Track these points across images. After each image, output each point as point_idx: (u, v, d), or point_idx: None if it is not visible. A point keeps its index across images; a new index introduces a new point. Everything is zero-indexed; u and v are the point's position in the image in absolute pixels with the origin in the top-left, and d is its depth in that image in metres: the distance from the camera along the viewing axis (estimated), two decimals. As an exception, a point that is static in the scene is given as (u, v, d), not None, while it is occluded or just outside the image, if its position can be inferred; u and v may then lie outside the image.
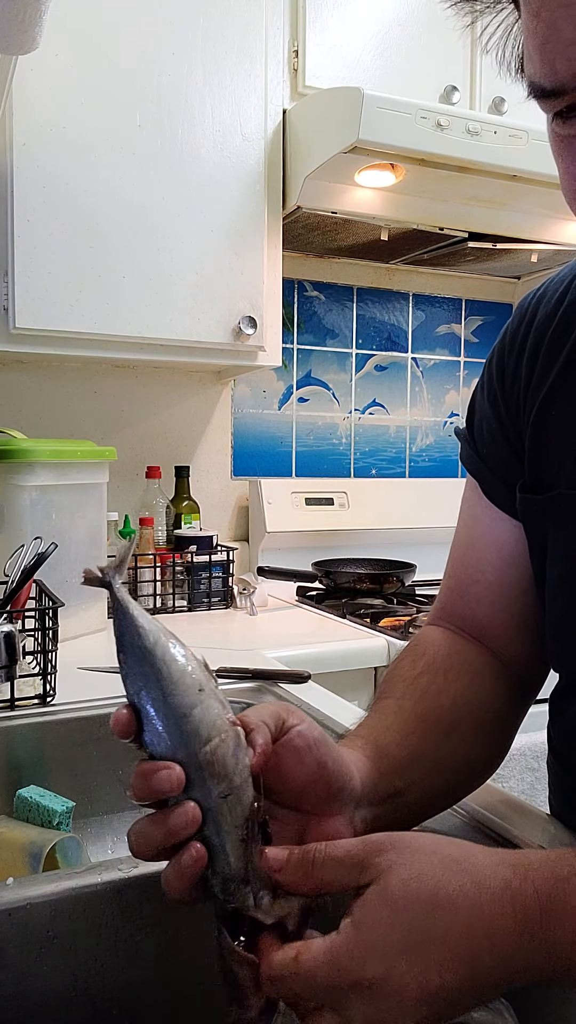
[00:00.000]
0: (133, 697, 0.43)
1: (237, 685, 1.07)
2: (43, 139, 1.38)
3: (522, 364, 0.64)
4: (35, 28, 0.79)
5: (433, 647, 0.66)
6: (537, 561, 0.63)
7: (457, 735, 0.59)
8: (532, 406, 0.62)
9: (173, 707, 0.42)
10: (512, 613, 0.66)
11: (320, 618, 1.61)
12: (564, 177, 0.50)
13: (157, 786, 0.41)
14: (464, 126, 1.44)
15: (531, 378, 0.63)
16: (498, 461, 0.66)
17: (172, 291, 1.50)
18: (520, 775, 1.32)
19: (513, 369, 0.65)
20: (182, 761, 0.41)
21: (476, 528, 0.69)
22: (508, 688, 0.65)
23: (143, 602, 1.63)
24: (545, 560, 0.61)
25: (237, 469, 1.98)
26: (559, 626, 0.61)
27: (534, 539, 0.63)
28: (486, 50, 0.54)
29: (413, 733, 0.57)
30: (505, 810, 0.67)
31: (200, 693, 0.43)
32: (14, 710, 0.96)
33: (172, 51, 1.48)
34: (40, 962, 0.55)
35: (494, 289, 2.28)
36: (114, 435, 1.79)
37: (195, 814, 0.41)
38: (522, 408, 0.64)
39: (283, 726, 0.48)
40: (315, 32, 1.59)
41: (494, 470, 0.67)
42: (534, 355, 0.63)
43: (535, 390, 0.62)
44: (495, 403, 0.67)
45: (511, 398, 0.65)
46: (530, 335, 0.64)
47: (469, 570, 0.68)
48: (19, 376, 1.72)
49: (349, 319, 2.10)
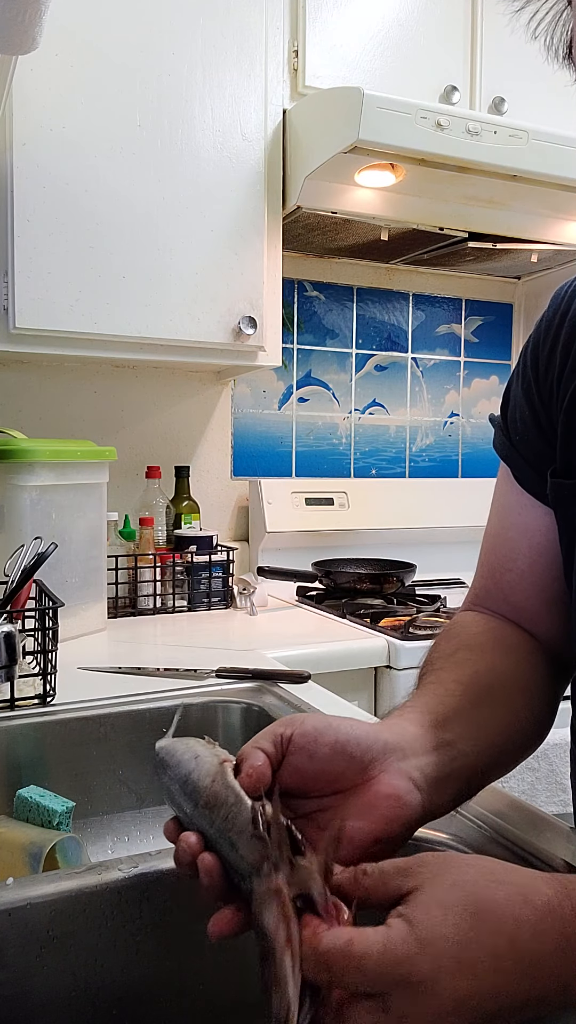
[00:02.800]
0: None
1: (237, 685, 1.07)
2: (43, 139, 1.38)
3: (556, 353, 0.65)
4: (35, 28, 0.79)
5: (467, 629, 0.67)
6: (566, 545, 0.63)
7: (500, 697, 0.60)
8: (565, 394, 0.63)
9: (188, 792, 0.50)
10: (546, 599, 0.67)
11: (320, 618, 1.61)
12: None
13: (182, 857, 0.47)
14: (464, 126, 1.44)
15: (565, 367, 0.63)
16: (530, 448, 0.67)
17: (172, 291, 1.50)
18: (520, 775, 1.32)
19: (547, 358, 0.66)
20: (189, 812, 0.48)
21: (508, 517, 0.69)
22: (546, 663, 0.66)
23: (143, 602, 1.63)
24: (574, 544, 0.62)
25: (237, 469, 1.98)
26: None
27: (564, 524, 0.63)
28: (534, 36, 0.53)
29: (453, 694, 0.57)
30: (506, 811, 0.67)
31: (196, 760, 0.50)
32: (14, 710, 0.96)
33: (172, 51, 1.48)
34: (40, 962, 0.55)
35: (494, 289, 2.28)
36: (114, 435, 1.79)
37: (194, 848, 0.46)
38: (555, 396, 0.64)
39: (283, 739, 0.49)
40: (315, 32, 1.59)
41: (526, 456, 0.67)
42: (568, 344, 0.64)
43: (568, 378, 0.63)
44: (528, 391, 0.67)
45: (544, 386, 0.66)
46: (564, 324, 0.64)
47: (501, 559, 0.69)
48: (19, 376, 1.72)
49: (349, 319, 2.10)
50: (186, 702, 1.02)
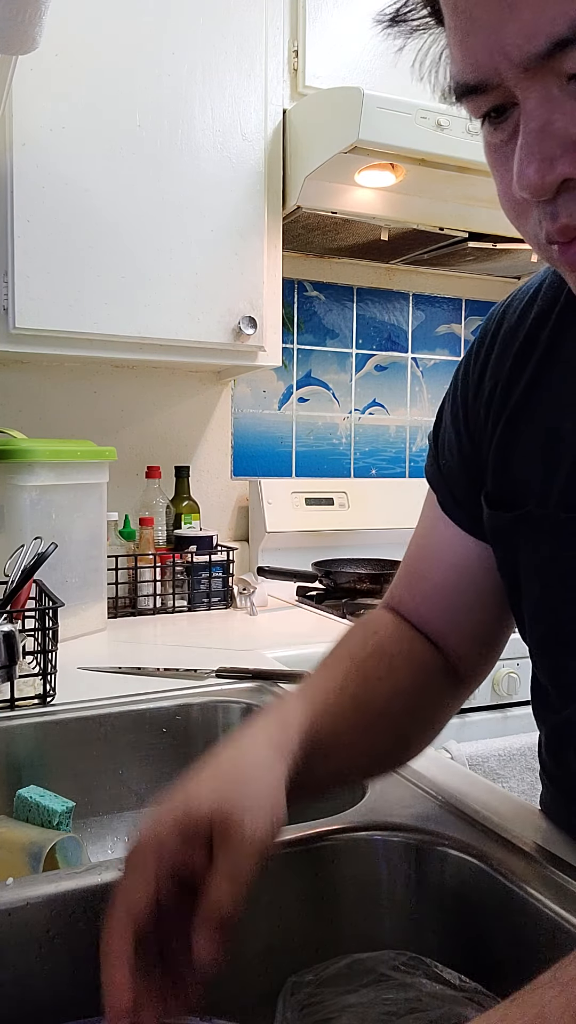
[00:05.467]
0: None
1: (237, 685, 1.07)
2: (43, 139, 1.38)
3: (485, 377, 0.63)
4: (35, 28, 0.79)
5: (384, 629, 0.68)
6: (510, 577, 0.62)
7: (387, 720, 0.62)
8: (498, 420, 0.61)
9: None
10: (454, 617, 0.68)
11: (320, 618, 1.61)
12: (500, 189, 0.46)
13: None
14: (464, 126, 1.43)
15: (495, 391, 0.62)
16: (455, 477, 0.67)
17: (172, 291, 1.50)
18: (520, 775, 1.32)
19: (476, 382, 0.64)
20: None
21: (433, 529, 0.70)
22: (448, 683, 0.68)
23: (143, 602, 1.63)
24: (519, 577, 0.61)
25: (237, 469, 1.98)
26: (542, 643, 0.61)
27: (505, 555, 0.62)
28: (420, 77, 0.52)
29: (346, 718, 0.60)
30: (506, 811, 0.67)
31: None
32: (14, 710, 0.96)
33: (172, 51, 1.48)
34: (40, 962, 0.55)
35: (494, 289, 2.28)
36: (114, 435, 1.79)
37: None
38: (486, 422, 0.63)
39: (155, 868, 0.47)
40: (315, 32, 1.59)
41: (450, 486, 0.67)
42: (498, 368, 0.62)
43: (499, 404, 0.61)
44: (456, 417, 0.66)
45: (473, 412, 0.64)
46: (495, 347, 0.63)
47: (420, 566, 0.71)
48: (19, 376, 1.71)
49: (349, 319, 2.10)
50: (186, 702, 1.02)
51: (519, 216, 0.46)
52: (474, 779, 0.74)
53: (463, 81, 0.43)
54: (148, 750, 0.98)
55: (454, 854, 0.62)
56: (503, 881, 0.57)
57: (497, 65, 0.40)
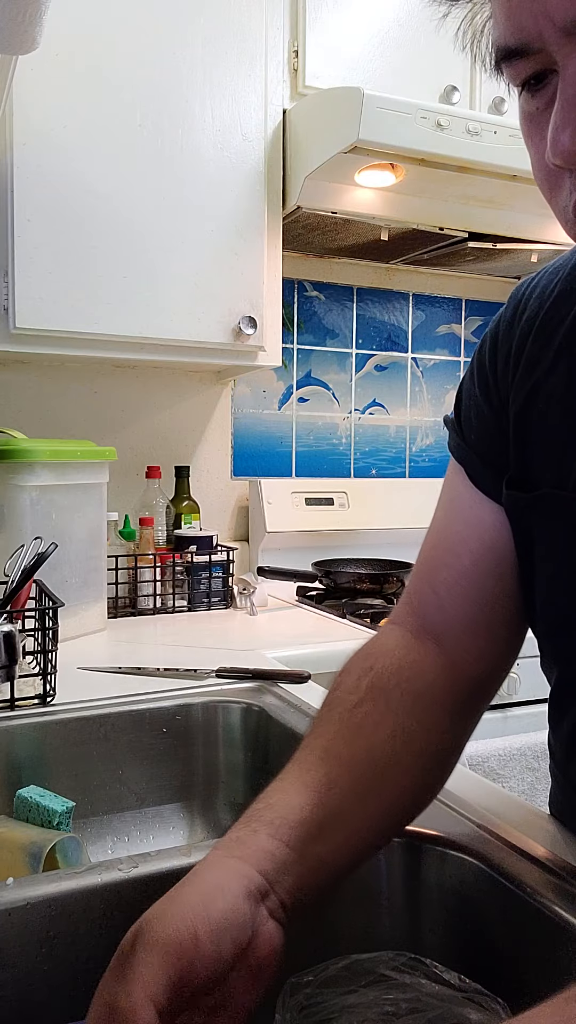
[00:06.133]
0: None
1: (237, 685, 1.07)
2: (43, 139, 1.38)
3: (511, 355, 0.63)
4: (35, 28, 0.79)
5: (383, 658, 0.62)
6: (524, 557, 0.62)
7: (392, 772, 0.56)
8: (519, 399, 0.61)
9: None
10: (481, 597, 0.63)
11: (320, 618, 1.61)
12: (534, 159, 0.46)
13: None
14: (464, 126, 1.44)
15: (518, 369, 0.62)
16: (486, 447, 0.65)
17: (172, 291, 1.50)
18: (520, 775, 1.32)
19: (504, 359, 0.64)
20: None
21: (458, 511, 0.65)
22: (457, 707, 0.62)
23: (143, 602, 1.63)
24: (532, 557, 0.61)
25: (237, 469, 1.98)
26: (552, 625, 0.61)
27: (520, 536, 0.62)
28: (462, 46, 0.53)
29: (338, 786, 0.54)
30: (506, 811, 0.67)
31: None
32: (14, 710, 0.96)
33: (172, 51, 1.48)
34: (40, 962, 0.55)
35: (494, 289, 2.28)
36: (114, 435, 1.79)
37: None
38: (510, 399, 0.63)
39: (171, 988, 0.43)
40: (315, 32, 1.59)
41: (482, 456, 0.65)
42: (522, 346, 0.62)
43: (521, 382, 0.61)
44: (486, 390, 0.65)
45: (501, 387, 0.64)
46: (521, 324, 0.63)
47: (444, 553, 0.65)
48: (19, 376, 1.72)
49: (349, 319, 2.10)
50: (186, 702, 1.02)
51: (551, 188, 0.46)
52: (474, 779, 0.74)
53: (505, 45, 0.44)
54: (148, 750, 0.98)
55: (454, 854, 0.62)
56: (503, 881, 0.57)
57: (541, 29, 0.41)
